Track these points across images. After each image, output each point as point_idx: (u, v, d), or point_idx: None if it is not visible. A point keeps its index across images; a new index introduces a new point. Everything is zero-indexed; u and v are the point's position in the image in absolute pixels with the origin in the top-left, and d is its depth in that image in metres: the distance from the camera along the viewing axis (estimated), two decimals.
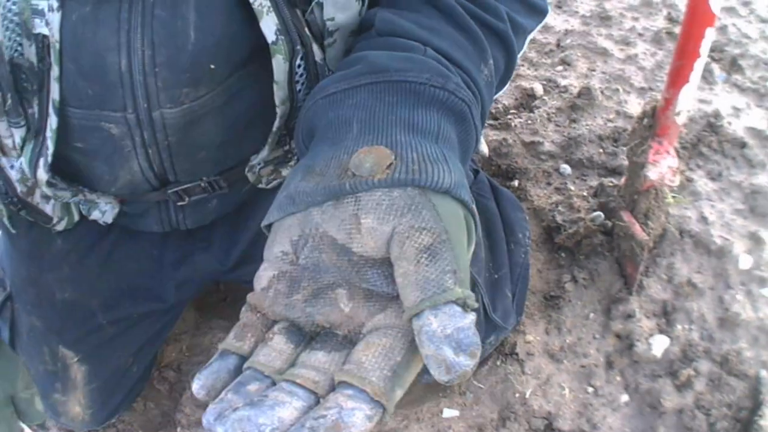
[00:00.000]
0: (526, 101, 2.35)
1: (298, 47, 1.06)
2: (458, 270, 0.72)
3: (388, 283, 0.77)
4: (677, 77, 1.61)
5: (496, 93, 1.13)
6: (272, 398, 0.70)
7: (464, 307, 0.70)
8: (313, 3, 1.05)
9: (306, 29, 1.06)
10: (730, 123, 2.17)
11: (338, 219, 0.78)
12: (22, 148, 1.13)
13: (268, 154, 1.25)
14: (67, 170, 1.21)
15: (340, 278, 0.79)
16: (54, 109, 1.06)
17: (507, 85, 1.19)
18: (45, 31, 1.00)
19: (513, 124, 2.25)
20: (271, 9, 1.02)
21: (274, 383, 0.75)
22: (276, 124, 1.17)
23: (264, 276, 0.84)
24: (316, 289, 0.81)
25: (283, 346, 0.79)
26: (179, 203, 1.32)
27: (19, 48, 1.01)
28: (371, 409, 0.67)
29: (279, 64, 1.06)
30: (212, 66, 1.06)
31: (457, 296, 0.69)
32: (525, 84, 2.40)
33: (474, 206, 0.82)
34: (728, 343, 1.71)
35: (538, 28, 1.21)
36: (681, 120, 1.67)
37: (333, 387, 0.72)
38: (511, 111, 2.32)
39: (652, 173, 1.67)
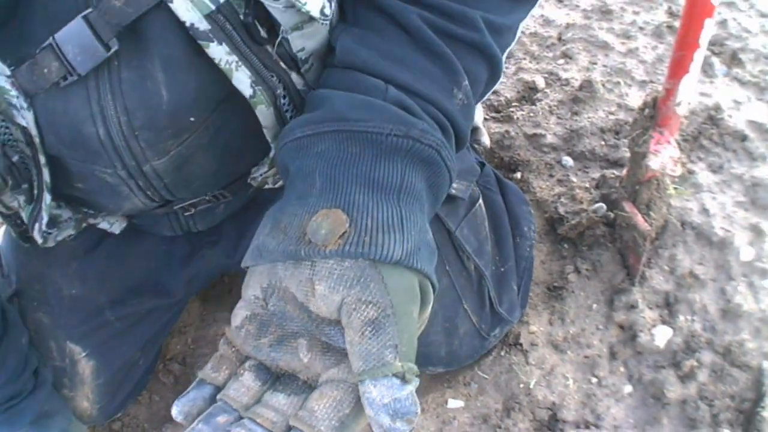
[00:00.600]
0: (528, 94, 2.36)
1: (279, 91, 1.05)
2: (400, 344, 0.77)
3: (344, 338, 0.82)
4: (677, 68, 1.61)
5: (485, 95, 1.13)
6: None
7: (403, 378, 0.75)
8: (280, 38, 1.01)
9: (280, 63, 1.04)
10: (730, 116, 2.17)
11: (297, 279, 0.83)
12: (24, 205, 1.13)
13: (268, 169, 1.26)
14: (71, 198, 1.21)
15: (303, 328, 0.86)
16: (47, 188, 1.07)
17: (497, 84, 1.17)
18: (23, 123, 0.99)
19: (515, 116, 2.25)
20: (240, 64, 0.99)
21: (240, 417, 0.82)
22: (272, 152, 1.18)
23: (239, 315, 0.90)
24: (281, 335, 0.87)
25: (251, 383, 0.87)
26: (186, 213, 1.37)
27: (9, 133, 1.01)
28: None
29: (263, 113, 1.06)
30: (192, 119, 1.05)
31: (396, 370, 0.75)
32: (527, 77, 2.40)
33: (430, 267, 0.86)
34: (730, 334, 1.71)
35: (530, 15, 1.16)
36: (682, 110, 1.67)
37: (289, 429, 0.79)
38: (513, 104, 2.33)
39: (654, 163, 1.68)
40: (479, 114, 2.17)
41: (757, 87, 2.30)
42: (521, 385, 1.67)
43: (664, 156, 1.68)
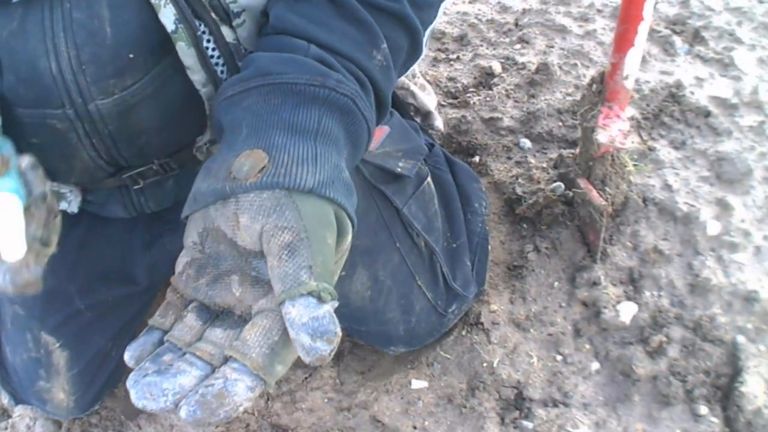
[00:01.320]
0: (485, 79, 2.37)
1: (200, 33, 1.12)
2: (314, 265, 0.84)
3: None
4: (622, 41, 1.63)
5: (409, 67, 1.24)
6: (176, 367, 0.84)
7: (319, 298, 0.81)
8: None
9: (211, 13, 1.13)
10: (692, 93, 2.18)
11: (225, 216, 0.91)
12: None
13: (211, 135, 1.32)
14: None
15: (234, 266, 0.93)
16: (1, 109, 1.13)
17: (420, 58, 1.26)
18: None
19: (472, 101, 2.26)
20: (168, 2, 1.09)
21: (184, 354, 0.88)
22: (207, 107, 1.24)
23: (181, 262, 0.98)
24: (216, 275, 0.94)
25: (193, 322, 0.92)
26: (135, 187, 1.39)
27: None
28: (252, 381, 0.81)
29: (183, 50, 1.13)
30: (131, 55, 1.12)
31: (311, 289, 0.81)
32: (483, 63, 2.41)
33: (346, 200, 0.94)
34: (700, 309, 1.71)
35: None
36: (629, 84, 1.68)
37: (226, 360, 0.85)
38: (470, 89, 2.34)
39: (602, 137, 1.69)
40: (432, 99, 2.19)
41: (721, 63, 2.31)
42: (484, 365, 1.68)
43: (613, 129, 1.69)
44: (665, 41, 2.39)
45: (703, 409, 1.57)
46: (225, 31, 1.15)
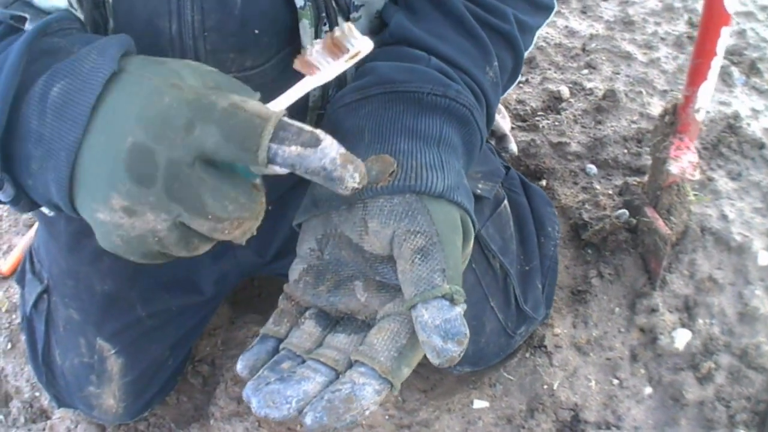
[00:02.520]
0: (553, 103, 2.39)
1: (323, 14, 1.12)
2: (447, 268, 0.84)
3: (396, 275, 0.88)
4: (696, 75, 1.66)
5: (507, 89, 1.25)
6: (299, 374, 0.85)
7: (452, 300, 0.81)
8: None
9: (333, 1, 1.12)
10: (749, 124, 2.20)
11: (351, 221, 0.90)
12: None
13: None
14: None
15: (357, 271, 0.93)
16: None
17: (516, 81, 1.28)
18: None
19: (540, 125, 2.28)
20: None
21: (304, 361, 0.87)
22: (311, 98, 1.24)
23: (296, 269, 0.98)
24: (337, 280, 0.95)
25: (312, 329, 0.93)
26: None
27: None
28: (379, 385, 0.81)
29: (305, 29, 1.12)
30: (256, 31, 1.12)
31: (445, 292, 0.82)
32: (552, 87, 2.43)
33: (470, 205, 0.93)
34: (747, 337, 1.74)
35: (547, 22, 1.30)
36: (700, 117, 1.71)
37: (351, 365, 0.84)
38: (539, 113, 2.36)
39: (674, 168, 1.71)
40: (506, 123, 2.20)
41: None
42: (545, 387, 1.70)
43: (684, 161, 1.72)
44: (723, 72, 2.40)
45: None
46: (340, 22, 1.13)
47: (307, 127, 0.79)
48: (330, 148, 0.78)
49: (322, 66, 0.92)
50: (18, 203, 0.91)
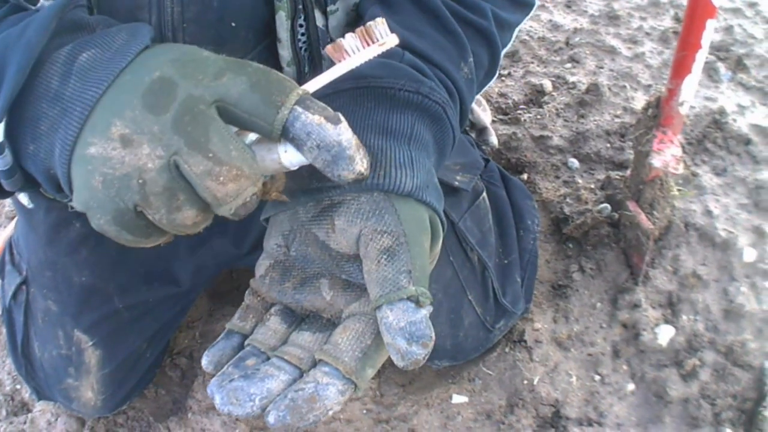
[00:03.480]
0: (536, 97, 2.39)
1: (300, 7, 1.13)
2: (413, 270, 0.83)
3: (363, 274, 0.87)
4: (680, 68, 1.64)
5: (485, 85, 1.25)
6: (263, 372, 0.84)
7: (417, 303, 0.81)
8: None
9: None
10: (735, 120, 2.19)
11: (317, 219, 0.91)
12: None
13: None
14: None
15: (324, 269, 0.93)
16: None
17: (494, 78, 1.28)
18: None
19: (522, 119, 2.28)
20: None
21: (268, 358, 0.87)
22: None
23: (262, 265, 0.98)
24: (303, 278, 0.95)
25: (277, 326, 0.93)
26: None
27: None
28: (343, 385, 0.81)
29: (281, 21, 1.13)
30: (233, 24, 1.13)
31: (410, 294, 0.81)
32: (534, 80, 2.43)
33: (439, 205, 0.93)
34: (733, 334, 1.72)
35: (527, 19, 1.30)
36: (684, 110, 1.70)
37: (315, 363, 0.84)
38: (521, 106, 2.36)
39: (657, 161, 1.70)
40: (487, 116, 2.19)
41: (762, 92, 2.33)
42: (525, 382, 1.69)
43: (666, 155, 1.70)
44: (709, 67, 2.40)
45: None
46: (317, 15, 1.15)
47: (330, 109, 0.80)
48: (348, 130, 0.79)
49: (353, 52, 0.91)
50: (12, 176, 0.89)
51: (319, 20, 1.16)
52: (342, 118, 0.79)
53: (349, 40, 0.90)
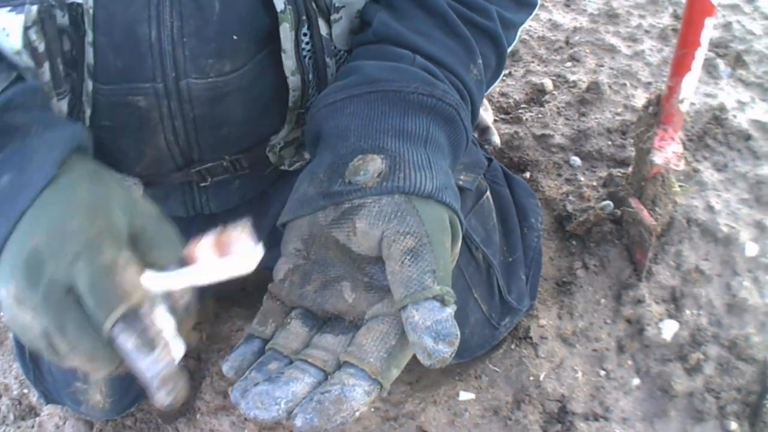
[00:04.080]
0: (537, 96, 2.39)
1: (303, 17, 1.13)
2: (437, 269, 0.84)
3: (385, 276, 0.88)
4: (680, 66, 1.65)
5: (491, 85, 1.25)
6: (287, 375, 0.84)
7: (443, 302, 0.81)
8: None
9: (313, 3, 1.13)
10: (735, 116, 2.20)
11: (338, 222, 0.90)
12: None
13: (287, 134, 1.32)
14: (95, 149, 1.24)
15: (345, 272, 0.93)
16: (89, 74, 1.11)
17: (500, 78, 1.29)
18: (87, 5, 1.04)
19: (524, 117, 2.28)
20: None
21: (291, 362, 0.87)
22: (291, 97, 1.24)
23: (281, 269, 0.97)
24: (324, 281, 0.94)
25: (299, 329, 0.93)
26: (202, 184, 1.37)
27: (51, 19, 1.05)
28: (369, 386, 0.82)
29: (286, 32, 1.13)
30: (235, 37, 1.12)
31: (435, 293, 0.82)
32: (535, 79, 2.44)
33: (457, 205, 0.93)
34: (736, 328, 1.73)
35: (529, 19, 1.31)
36: (684, 107, 1.70)
37: (339, 365, 0.84)
38: (522, 105, 2.36)
39: (658, 158, 1.71)
40: (489, 115, 2.19)
41: (761, 88, 2.34)
42: (531, 378, 1.69)
43: (668, 152, 1.71)
44: (709, 64, 2.40)
45: (733, 425, 1.59)
46: (321, 23, 1.16)
47: (157, 327, 0.81)
48: (159, 361, 0.78)
49: (203, 262, 0.89)
50: None
51: (323, 29, 1.17)
52: (161, 343, 0.80)
53: (203, 249, 0.89)
